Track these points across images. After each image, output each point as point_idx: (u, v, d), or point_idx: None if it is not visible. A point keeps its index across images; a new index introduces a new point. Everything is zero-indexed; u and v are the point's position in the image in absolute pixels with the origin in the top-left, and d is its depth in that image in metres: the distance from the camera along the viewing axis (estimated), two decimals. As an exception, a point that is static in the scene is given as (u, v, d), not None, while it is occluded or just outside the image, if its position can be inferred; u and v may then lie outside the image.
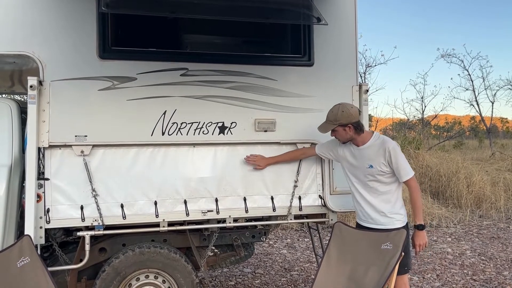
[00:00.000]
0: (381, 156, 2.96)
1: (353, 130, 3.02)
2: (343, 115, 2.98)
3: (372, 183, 3.03)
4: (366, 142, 3.05)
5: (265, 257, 5.74)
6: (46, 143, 3.01)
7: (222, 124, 3.33)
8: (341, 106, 3.03)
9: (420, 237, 2.96)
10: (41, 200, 3.02)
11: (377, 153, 2.98)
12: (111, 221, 3.14)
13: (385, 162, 2.95)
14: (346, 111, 2.99)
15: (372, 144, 3.03)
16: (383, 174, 2.98)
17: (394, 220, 3.00)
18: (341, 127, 3.01)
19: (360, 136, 3.05)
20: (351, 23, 3.60)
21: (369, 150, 3.02)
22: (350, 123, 2.99)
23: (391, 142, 2.99)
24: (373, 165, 2.99)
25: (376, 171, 2.98)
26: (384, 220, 3.01)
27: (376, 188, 3.03)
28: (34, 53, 3.01)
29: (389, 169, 2.97)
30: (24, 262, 2.66)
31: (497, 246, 6.27)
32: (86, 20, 3.09)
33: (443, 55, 17.47)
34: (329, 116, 3.07)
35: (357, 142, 3.07)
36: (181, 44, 3.59)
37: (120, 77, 3.14)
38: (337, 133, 3.08)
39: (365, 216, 3.10)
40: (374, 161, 2.98)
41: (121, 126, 3.14)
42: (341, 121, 2.98)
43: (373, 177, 3.01)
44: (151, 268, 3.24)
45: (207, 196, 3.32)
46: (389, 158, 2.93)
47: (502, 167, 11.09)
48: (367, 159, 3.01)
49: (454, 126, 28.83)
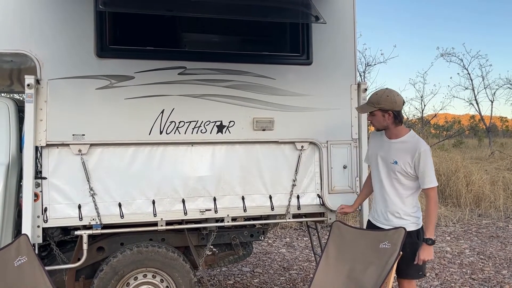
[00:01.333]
0: (409, 156, 2.81)
1: (392, 119, 2.86)
2: (387, 100, 2.84)
3: (392, 180, 2.92)
4: (400, 137, 2.91)
5: (264, 256, 5.74)
6: (44, 142, 3.00)
7: (220, 123, 3.32)
8: (387, 91, 2.89)
9: (426, 252, 2.77)
10: (39, 199, 3.02)
11: (407, 151, 2.83)
12: (109, 220, 3.13)
13: (411, 163, 2.81)
14: (391, 97, 2.85)
15: (405, 140, 2.89)
16: (404, 175, 2.86)
17: (409, 223, 2.88)
18: (381, 111, 2.86)
19: (396, 128, 2.90)
20: (350, 21, 3.59)
21: (399, 146, 2.89)
22: (392, 110, 2.84)
23: (425, 144, 2.84)
24: (398, 162, 2.85)
25: (399, 168, 2.85)
26: (397, 221, 2.90)
27: (395, 186, 2.91)
28: (32, 52, 3.00)
29: (412, 172, 2.82)
30: (22, 261, 2.65)
31: (496, 245, 6.27)
32: (83, 18, 3.08)
33: (442, 54, 17.52)
34: (372, 98, 2.91)
35: (391, 134, 2.94)
36: (179, 42, 3.58)
37: (118, 75, 3.14)
38: (374, 117, 2.92)
39: (379, 215, 3.01)
40: (401, 159, 2.85)
41: (119, 125, 3.14)
42: (383, 105, 2.84)
43: (395, 175, 2.89)
44: (149, 267, 3.23)
45: (205, 195, 3.31)
46: (418, 160, 2.78)
47: (502, 166, 11.09)
48: (395, 154, 2.89)
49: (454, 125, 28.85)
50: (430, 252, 2.79)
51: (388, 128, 2.93)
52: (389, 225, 2.94)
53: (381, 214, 3.01)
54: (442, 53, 17.62)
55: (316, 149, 3.53)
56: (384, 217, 2.98)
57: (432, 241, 2.78)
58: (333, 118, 3.52)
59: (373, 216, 3.10)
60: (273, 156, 3.45)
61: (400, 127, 2.93)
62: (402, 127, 2.94)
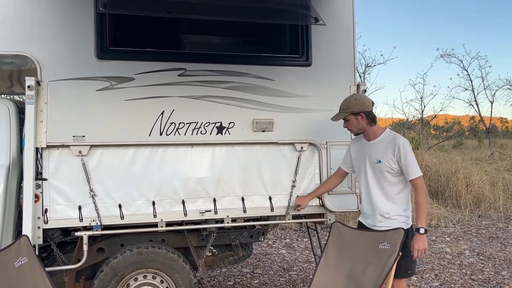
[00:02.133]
0: (390, 151, 2.91)
1: (366, 120, 2.98)
2: (356, 103, 2.97)
3: (379, 181, 2.97)
4: (378, 136, 3.01)
5: (264, 257, 5.75)
6: (44, 143, 3.01)
7: (220, 124, 3.33)
8: (354, 95, 3.06)
9: (420, 242, 2.81)
10: (39, 200, 3.02)
11: (387, 148, 2.93)
12: (109, 221, 3.14)
13: (393, 158, 2.90)
14: (359, 99, 2.99)
15: (383, 139, 2.99)
16: (391, 172, 2.93)
17: (397, 222, 2.92)
18: (353, 115, 2.98)
19: (372, 128, 3.01)
20: (349, 23, 3.60)
21: (379, 145, 2.98)
22: (363, 111, 2.96)
23: (402, 138, 2.95)
24: (381, 160, 2.93)
25: (385, 166, 2.92)
26: (387, 223, 2.94)
27: (383, 186, 2.97)
28: (32, 54, 3.01)
29: (397, 167, 2.91)
30: (22, 262, 2.66)
31: (496, 246, 6.27)
32: (84, 20, 3.09)
33: (442, 55, 17.50)
34: (342, 105, 3.05)
35: (369, 136, 3.03)
36: (179, 44, 3.59)
37: (118, 77, 3.15)
38: (349, 122, 3.03)
39: (368, 217, 3.06)
40: (383, 157, 2.93)
41: (119, 126, 3.15)
42: (354, 109, 2.96)
43: (381, 174, 2.95)
44: (149, 268, 3.24)
45: (205, 196, 3.32)
46: (398, 154, 2.87)
47: (501, 167, 11.09)
48: (377, 154, 2.97)
49: (454, 126, 28.84)
50: (424, 241, 2.82)
51: (364, 130, 3.03)
52: (380, 227, 2.98)
53: (370, 216, 3.05)
54: (442, 54, 17.60)
55: (315, 150, 3.54)
56: (373, 219, 3.02)
57: (425, 230, 2.83)
58: (333, 119, 3.52)
59: (364, 219, 3.14)
60: (273, 157, 3.46)
61: (375, 126, 3.03)
62: (378, 127, 3.05)
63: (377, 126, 3.04)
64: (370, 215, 3.05)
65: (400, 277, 2.93)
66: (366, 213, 3.10)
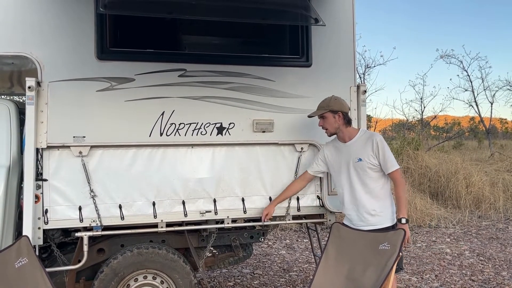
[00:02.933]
0: (369, 148, 3.01)
1: (342, 120, 3.09)
2: (335, 102, 3.10)
3: (362, 179, 3.03)
4: (353, 137, 3.11)
5: (264, 257, 5.74)
6: (44, 144, 3.01)
7: (220, 125, 3.34)
8: (334, 96, 3.18)
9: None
10: (39, 201, 3.03)
11: (365, 145, 3.04)
12: (109, 221, 3.14)
13: (373, 154, 3.00)
14: (338, 100, 3.13)
15: (359, 138, 3.10)
16: (372, 168, 3.02)
17: (384, 219, 3.01)
18: (331, 113, 3.09)
19: (347, 129, 3.11)
20: (349, 23, 3.61)
21: (356, 144, 3.08)
22: (341, 111, 3.08)
23: (378, 134, 3.12)
24: (362, 158, 3.02)
25: (366, 163, 3.01)
26: (374, 220, 3.01)
27: (367, 184, 3.03)
28: (32, 54, 3.01)
29: (377, 162, 3.01)
30: (22, 263, 2.66)
31: (496, 246, 6.27)
32: (84, 21, 3.09)
33: (442, 56, 17.49)
34: (321, 103, 3.16)
35: (344, 137, 3.12)
36: (179, 45, 3.59)
37: (118, 78, 3.15)
38: (326, 120, 3.12)
39: (354, 218, 3.09)
40: (363, 154, 3.02)
41: (119, 127, 3.15)
42: (333, 107, 3.07)
43: (363, 171, 3.02)
44: (149, 269, 3.24)
45: (205, 197, 3.32)
46: (377, 149, 2.99)
47: (501, 167, 11.10)
48: (356, 153, 3.06)
49: (454, 127, 28.83)
50: (406, 229, 2.87)
51: (339, 130, 3.12)
52: (367, 225, 3.02)
53: (356, 217, 3.09)
54: (442, 54, 17.61)
55: (315, 150, 3.54)
56: (361, 219, 3.07)
57: (406, 220, 2.93)
58: (333, 120, 3.52)
59: (350, 221, 3.15)
60: (273, 157, 3.46)
61: (351, 128, 3.14)
62: (352, 128, 3.17)
63: (351, 127, 3.16)
64: (355, 215, 3.09)
65: None
66: (350, 214, 3.13)
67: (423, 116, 18.76)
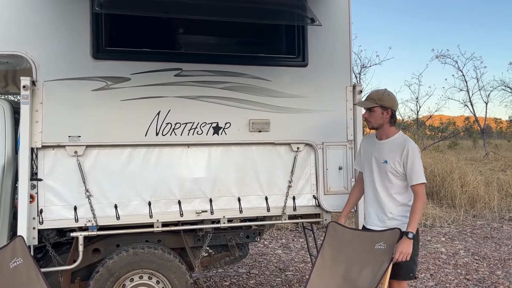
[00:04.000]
0: (398, 154, 2.89)
1: (389, 118, 2.96)
2: (388, 98, 2.94)
3: (383, 181, 2.96)
4: (390, 137, 3.00)
5: (260, 257, 5.75)
6: (39, 144, 3.00)
7: (216, 124, 3.33)
8: (387, 90, 2.99)
9: (405, 245, 2.76)
10: (34, 200, 3.01)
11: (396, 149, 2.91)
12: (105, 221, 3.13)
13: (400, 161, 2.88)
14: (392, 96, 2.96)
15: (394, 140, 2.98)
16: (395, 174, 2.91)
17: (400, 223, 2.90)
18: (381, 108, 2.94)
19: (389, 128, 2.99)
20: (345, 23, 3.61)
21: (389, 145, 2.97)
22: (391, 108, 2.95)
23: (413, 143, 2.93)
24: (387, 161, 2.92)
25: (390, 167, 2.91)
26: (390, 222, 2.92)
27: (386, 186, 2.95)
28: (27, 53, 3.00)
29: (402, 170, 2.89)
30: (17, 263, 2.65)
31: (491, 245, 6.30)
32: (79, 20, 3.08)
33: (437, 56, 17.58)
34: (373, 95, 2.99)
35: (381, 134, 3.02)
36: (175, 44, 3.58)
37: (114, 77, 3.14)
38: (373, 113, 2.97)
39: (372, 217, 3.03)
40: (390, 158, 2.92)
41: (115, 126, 3.14)
42: (385, 103, 2.92)
43: (385, 174, 2.94)
44: (145, 269, 3.23)
45: (201, 197, 3.32)
46: (406, 158, 2.85)
47: (496, 167, 11.17)
48: (385, 153, 2.96)
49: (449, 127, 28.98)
50: (409, 245, 2.77)
51: (381, 127, 3.00)
52: (383, 227, 2.96)
53: (374, 216, 3.03)
54: (437, 54, 17.70)
55: (311, 150, 3.54)
56: (378, 219, 3.00)
57: (413, 235, 2.79)
58: (329, 119, 3.54)
59: (367, 221, 3.11)
60: (269, 157, 3.46)
61: (392, 127, 3.02)
62: (393, 128, 3.04)
63: (393, 127, 3.03)
64: (373, 213, 3.03)
65: (401, 278, 2.92)
66: (369, 212, 3.07)
67: (418, 115, 18.86)
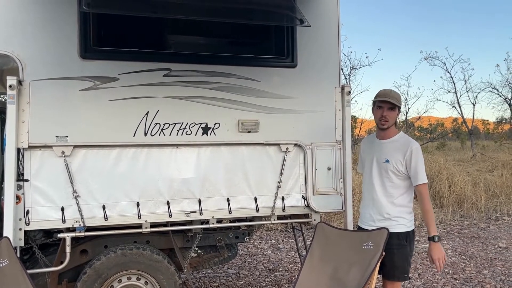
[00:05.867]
0: (401, 153, 2.90)
1: (396, 118, 3.03)
2: (400, 99, 3.01)
3: (383, 181, 2.97)
4: (391, 137, 3.02)
5: (250, 258, 5.74)
6: (26, 144, 2.96)
7: (206, 124, 3.33)
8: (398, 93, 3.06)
9: (437, 250, 2.78)
10: (21, 201, 2.97)
11: (399, 149, 2.93)
12: (93, 222, 3.10)
13: (402, 161, 2.89)
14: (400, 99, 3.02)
15: (396, 139, 3.00)
16: (396, 174, 2.92)
17: (397, 224, 2.91)
18: (398, 109, 3.01)
19: (393, 128, 3.03)
20: (334, 25, 3.63)
21: (391, 145, 2.99)
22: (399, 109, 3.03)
23: (416, 143, 2.96)
24: (389, 160, 2.93)
25: (391, 167, 2.92)
26: (385, 223, 2.92)
27: (385, 186, 2.96)
28: (14, 53, 2.96)
29: (404, 170, 2.90)
30: (3, 265, 2.62)
31: (477, 245, 6.38)
32: (67, 19, 3.05)
33: (426, 58, 17.77)
34: (395, 94, 2.99)
35: (383, 135, 3.04)
36: (164, 44, 3.57)
37: (102, 77, 3.12)
38: (392, 113, 2.98)
39: (367, 217, 3.04)
40: (392, 157, 2.93)
41: (103, 126, 3.12)
42: (400, 104, 3.00)
43: (386, 174, 2.95)
44: (133, 270, 3.21)
45: (190, 197, 3.31)
46: (409, 157, 2.87)
47: (483, 168, 11.32)
48: (386, 153, 2.97)
49: (437, 128, 29.25)
50: (440, 249, 2.79)
51: (389, 128, 3.03)
52: (377, 227, 2.95)
53: (369, 216, 3.04)
54: (426, 56, 17.91)
55: (300, 151, 3.55)
56: (373, 219, 3.01)
57: (438, 238, 2.80)
58: (318, 120, 3.56)
59: (362, 221, 3.11)
60: (258, 158, 3.47)
61: (393, 127, 3.05)
62: (394, 128, 3.07)
63: (395, 128, 3.06)
64: (368, 214, 3.04)
65: (396, 279, 2.93)
66: (364, 212, 3.08)
67: (407, 117, 19.01)
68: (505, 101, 17.82)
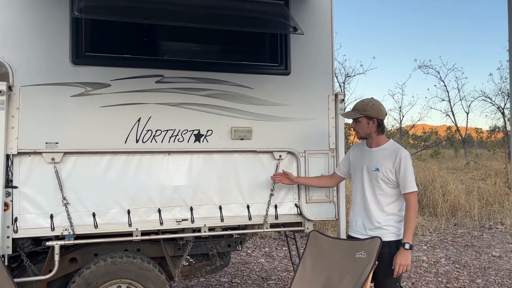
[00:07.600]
0: (390, 161, 2.89)
1: (376, 127, 2.96)
2: (373, 108, 2.94)
3: (373, 189, 2.95)
4: (380, 145, 3.00)
5: (243, 266, 5.70)
6: (15, 150, 2.92)
7: (198, 132, 3.30)
8: (372, 100, 3.01)
9: (403, 257, 2.77)
10: (9, 208, 2.93)
11: (388, 157, 2.91)
12: (82, 230, 3.06)
13: (392, 169, 2.88)
14: (377, 105, 2.96)
15: (385, 148, 2.98)
16: (386, 182, 2.90)
17: (387, 232, 2.89)
18: (366, 118, 2.95)
19: (378, 137, 3.00)
20: (327, 32, 3.64)
21: (380, 153, 2.97)
22: (377, 118, 2.95)
23: (405, 151, 2.94)
24: (379, 169, 2.91)
25: (381, 175, 2.90)
26: (376, 232, 2.90)
27: (376, 194, 2.94)
28: (4, 58, 2.93)
29: (394, 178, 2.88)
30: (-11, 273, 2.56)
31: (471, 254, 6.38)
32: (59, 25, 3.03)
33: (420, 66, 17.85)
34: (358, 105, 2.99)
35: (372, 143, 3.02)
36: (157, 50, 3.55)
37: (94, 83, 3.09)
38: (359, 124, 2.99)
39: (359, 226, 3.02)
40: (382, 165, 2.91)
41: (94, 133, 3.08)
42: (369, 112, 2.93)
43: (376, 182, 2.93)
44: (123, 279, 3.16)
45: (182, 205, 3.27)
46: (398, 165, 2.85)
47: (476, 176, 11.35)
48: (376, 161, 2.95)
49: (431, 136, 29.37)
50: (407, 256, 2.78)
51: (370, 137, 3.01)
52: (368, 235, 2.94)
53: (361, 225, 3.02)
54: (420, 65, 17.98)
55: (294, 158, 3.54)
56: (364, 227, 2.99)
57: (410, 246, 2.79)
58: (311, 128, 3.54)
59: (353, 229, 3.09)
60: (251, 165, 3.44)
61: (382, 136, 3.02)
62: (383, 137, 3.04)
63: (383, 136, 3.03)
64: (360, 222, 3.02)
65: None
66: (356, 220, 3.05)
67: (401, 125, 19.07)
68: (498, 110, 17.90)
